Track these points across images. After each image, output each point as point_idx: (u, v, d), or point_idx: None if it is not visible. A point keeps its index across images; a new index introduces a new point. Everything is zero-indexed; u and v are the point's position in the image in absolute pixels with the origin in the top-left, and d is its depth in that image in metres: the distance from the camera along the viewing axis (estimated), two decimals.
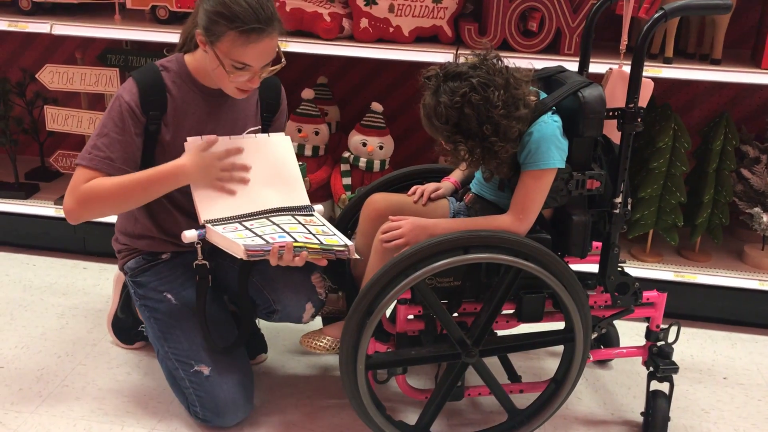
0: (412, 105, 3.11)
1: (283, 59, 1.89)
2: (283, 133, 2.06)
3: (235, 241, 1.74)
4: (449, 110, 1.72)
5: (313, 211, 1.99)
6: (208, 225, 1.83)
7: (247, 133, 1.99)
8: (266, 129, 2.10)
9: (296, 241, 1.77)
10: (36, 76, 2.73)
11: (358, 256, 1.88)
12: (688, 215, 2.70)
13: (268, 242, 1.76)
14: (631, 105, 1.78)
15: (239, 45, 1.77)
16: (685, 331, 2.55)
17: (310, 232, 1.85)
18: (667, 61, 2.46)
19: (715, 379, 2.37)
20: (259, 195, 1.93)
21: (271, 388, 2.20)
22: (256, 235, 1.79)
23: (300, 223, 1.90)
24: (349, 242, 1.83)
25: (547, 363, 2.40)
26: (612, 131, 1.88)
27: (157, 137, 1.93)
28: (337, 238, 1.85)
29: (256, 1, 1.77)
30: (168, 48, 2.07)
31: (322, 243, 1.80)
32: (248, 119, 2.05)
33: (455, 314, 1.91)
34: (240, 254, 1.72)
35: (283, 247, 1.75)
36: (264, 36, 1.78)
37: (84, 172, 1.86)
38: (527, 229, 1.81)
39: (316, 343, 2.01)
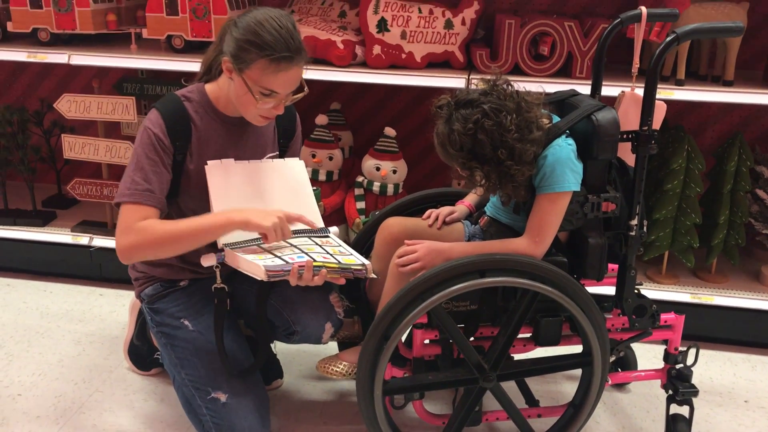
0: (424, 129, 3.11)
1: (305, 88, 1.92)
2: (297, 158, 2.09)
3: (255, 262, 1.75)
4: (463, 137, 1.73)
5: (329, 232, 2.00)
6: (227, 248, 1.85)
7: (266, 159, 2.02)
8: (282, 155, 2.13)
9: (315, 260, 1.78)
10: (54, 105, 2.77)
11: (375, 275, 1.89)
12: (704, 236, 2.69)
13: (287, 262, 1.77)
14: (645, 128, 1.79)
15: (270, 73, 1.80)
16: (704, 353, 2.53)
17: (328, 252, 1.86)
18: (679, 83, 2.46)
19: (735, 402, 2.34)
20: None
21: (287, 413, 2.19)
22: (276, 256, 1.80)
23: (317, 244, 1.91)
24: (366, 261, 1.85)
25: (564, 387, 2.38)
26: (626, 153, 1.88)
27: (182, 167, 1.95)
28: (354, 258, 1.86)
29: (286, 31, 1.80)
30: (186, 77, 2.09)
31: (340, 262, 1.82)
32: (267, 146, 2.08)
33: (471, 338, 1.90)
34: (260, 275, 1.73)
35: (303, 266, 1.76)
36: (293, 65, 1.82)
37: (130, 209, 1.85)
38: (543, 252, 1.81)
39: (332, 369, 2.01)
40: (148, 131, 1.89)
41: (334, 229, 2.03)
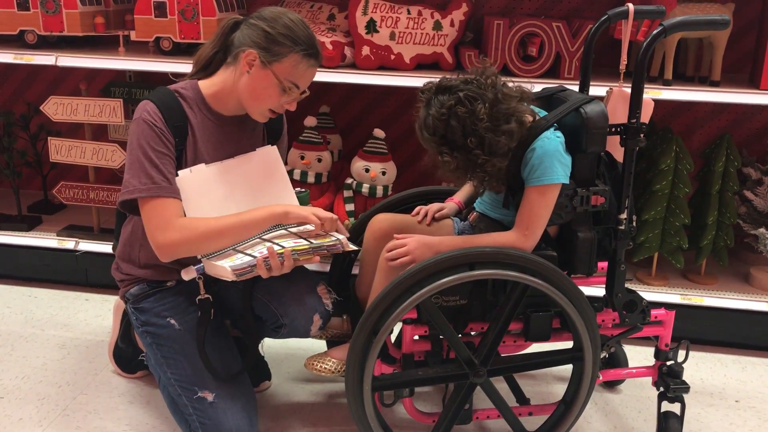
0: (414, 133, 3.11)
1: (307, 90, 1.95)
2: (269, 145, 2.07)
3: (223, 265, 1.76)
4: (436, 122, 1.74)
5: None
6: (204, 259, 1.84)
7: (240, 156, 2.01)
8: None
9: (282, 247, 1.78)
10: (41, 107, 2.74)
11: (353, 247, 1.89)
12: (693, 238, 2.69)
13: (254, 257, 1.77)
14: (634, 120, 1.79)
15: (302, 67, 1.86)
16: (694, 355, 2.52)
17: (301, 238, 1.85)
18: (667, 83, 2.47)
19: (727, 402, 2.33)
20: None
21: (275, 415, 2.16)
22: (246, 254, 1.81)
23: (292, 232, 1.90)
24: (341, 237, 1.84)
25: (555, 388, 2.36)
26: (614, 148, 1.88)
27: (178, 163, 1.91)
28: (328, 237, 1.87)
29: (311, 31, 1.89)
30: (174, 74, 2.08)
31: (311, 243, 1.82)
32: (257, 145, 2.06)
33: (460, 335, 1.88)
34: (229, 276, 1.75)
35: (267, 258, 1.76)
36: (318, 62, 1.91)
37: (160, 205, 1.82)
38: (533, 246, 1.80)
39: (321, 366, 1.98)
40: (148, 122, 1.84)
41: None
